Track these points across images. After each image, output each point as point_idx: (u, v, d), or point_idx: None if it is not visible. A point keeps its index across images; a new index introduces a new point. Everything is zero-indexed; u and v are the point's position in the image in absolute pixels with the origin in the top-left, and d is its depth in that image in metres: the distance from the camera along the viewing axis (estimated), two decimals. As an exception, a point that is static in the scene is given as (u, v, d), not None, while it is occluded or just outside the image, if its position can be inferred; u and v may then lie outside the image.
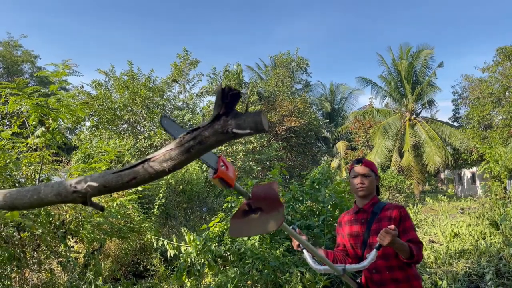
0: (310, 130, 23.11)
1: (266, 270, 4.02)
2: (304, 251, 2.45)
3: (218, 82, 22.09)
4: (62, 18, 64.09)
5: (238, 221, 1.71)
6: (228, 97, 1.20)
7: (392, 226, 2.13)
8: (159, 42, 71.74)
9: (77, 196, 1.40)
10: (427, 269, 6.27)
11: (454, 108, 33.47)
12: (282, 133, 21.21)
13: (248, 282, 4.07)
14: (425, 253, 7.00)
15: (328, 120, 31.27)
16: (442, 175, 39.36)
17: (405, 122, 26.60)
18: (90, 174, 1.41)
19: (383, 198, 20.27)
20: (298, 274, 3.86)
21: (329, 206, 5.03)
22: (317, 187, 5.30)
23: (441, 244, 8.02)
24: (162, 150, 1.31)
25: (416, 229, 2.54)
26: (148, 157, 1.42)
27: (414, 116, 27.34)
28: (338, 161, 30.66)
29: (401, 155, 26.14)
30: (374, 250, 2.21)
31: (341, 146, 30.41)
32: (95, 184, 1.30)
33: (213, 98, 21.78)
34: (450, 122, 31.28)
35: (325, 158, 29.31)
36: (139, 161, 1.38)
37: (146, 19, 72.88)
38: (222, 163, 1.58)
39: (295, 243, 2.45)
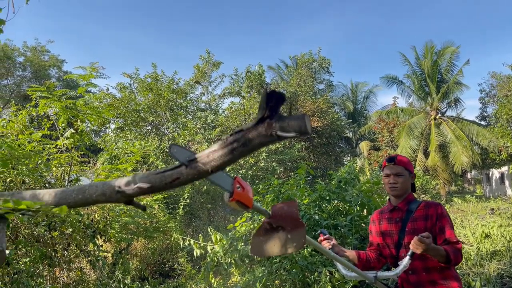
0: (332, 130, 22.91)
1: (294, 270, 3.99)
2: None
3: (240, 83, 22.14)
4: (86, 23, 65.56)
5: (259, 240, 1.70)
6: (272, 100, 1.19)
7: (426, 234, 2.07)
8: (182, 45, 72.61)
9: (121, 196, 1.41)
10: (458, 270, 6.11)
11: (481, 106, 32.61)
12: (305, 134, 21.10)
13: (276, 282, 4.05)
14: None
15: (350, 120, 30.94)
16: (469, 176, 38.42)
17: (430, 121, 26.08)
18: (135, 174, 1.42)
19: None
20: (327, 273, 3.81)
21: (357, 206, 4.96)
22: (343, 186, 5.24)
23: (471, 245, 7.82)
24: (206, 151, 1.31)
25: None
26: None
27: (439, 115, 26.78)
28: (361, 161, 30.30)
29: (426, 155, 25.63)
30: (407, 257, 2.15)
31: (364, 146, 30.05)
32: (144, 185, 1.31)
33: (235, 99, 21.88)
34: (477, 121, 30.50)
35: (348, 158, 29.01)
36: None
37: (169, 23, 73.82)
38: (238, 185, 1.56)
39: (325, 246, 2.40)
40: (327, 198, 5.08)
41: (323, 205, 5.01)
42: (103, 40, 68.82)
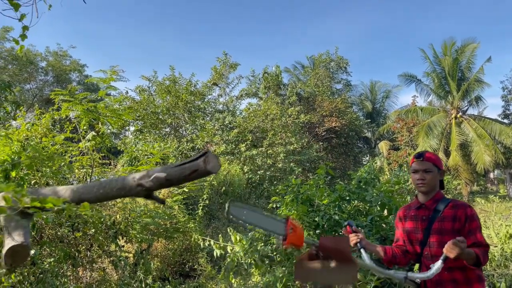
0: (351, 130, 22.75)
1: (314, 270, 3.97)
2: (362, 251, 2.39)
3: (257, 84, 22.18)
4: (105, 28, 66.66)
5: (304, 266, 1.72)
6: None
7: (461, 238, 2.03)
8: (199, 47, 73.05)
9: (141, 189, 1.44)
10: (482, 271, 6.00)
11: (504, 104, 31.83)
12: (323, 134, 21.00)
13: (297, 282, 4.04)
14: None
15: (369, 120, 30.62)
16: (491, 175, 37.55)
17: (451, 120, 25.58)
18: (153, 168, 1.44)
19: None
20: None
21: (377, 206, 4.91)
22: (363, 186, 5.20)
23: (495, 246, 7.64)
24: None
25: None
26: (206, 151, 1.45)
27: (460, 113, 26.24)
28: (380, 161, 29.95)
29: (447, 154, 25.16)
30: (440, 261, 2.11)
31: (383, 146, 29.67)
32: (161, 175, 1.33)
33: (252, 100, 21.93)
34: (499, 119, 29.76)
35: (367, 158, 28.70)
36: (199, 154, 1.40)
37: (185, 26, 74.44)
38: (290, 228, 1.62)
39: (352, 240, 2.40)
40: (347, 198, 5.04)
41: (343, 205, 4.98)
42: (122, 43, 69.87)
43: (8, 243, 1.58)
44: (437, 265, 2.12)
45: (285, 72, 27.35)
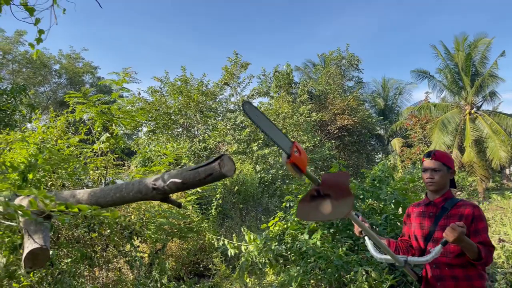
0: (363, 128, 22.58)
1: (329, 269, 3.96)
2: (366, 238, 2.47)
3: (269, 83, 22.15)
4: (117, 30, 67.24)
5: (305, 205, 1.75)
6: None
7: (461, 223, 2.09)
8: (210, 47, 73.27)
9: (157, 193, 1.46)
10: (499, 269, 5.91)
11: (519, 99, 31.24)
12: (335, 132, 20.89)
13: (312, 281, 4.03)
14: (495, 252, 6.60)
15: (382, 117, 30.35)
16: (507, 171, 36.94)
17: (465, 116, 25.22)
18: (168, 171, 1.45)
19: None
20: (363, 273, 3.77)
21: (392, 204, 4.87)
22: (377, 184, 5.16)
23: (513, 244, 7.52)
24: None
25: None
26: (222, 154, 1.45)
27: (474, 109, 25.85)
28: (393, 159, 29.68)
29: (461, 151, 24.81)
30: (439, 245, 2.17)
31: (396, 143, 29.41)
32: (177, 180, 1.34)
33: (263, 99, 21.91)
34: (515, 114, 29.25)
35: (380, 156, 28.48)
36: (215, 157, 1.41)
37: (197, 26, 74.70)
38: (296, 149, 1.60)
39: (357, 229, 2.48)
40: (361, 196, 5.02)
41: (357, 204, 4.95)
42: (134, 45, 70.41)
43: (28, 246, 1.61)
44: (437, 249, 2.18)
45: (296, 71, 27.28)
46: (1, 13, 2.83)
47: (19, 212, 1.17)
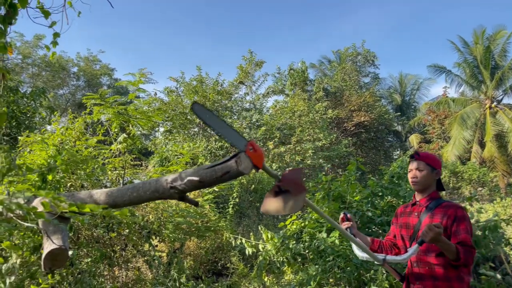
0: (380, 124, 22.33)
1: (348, 268, 3.91)
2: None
3: (284, 81, 22.09)
4: (133, 31, 68.00)
5: (269, 200, 1.86)
6: None
7: (437, 223, 2.12)
8: (225, 46, 73.49)
9: (174, 192, 1.44)
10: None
11: (542, 91, 30.41)
12: (351, 129, 20.70)
13: (331, 280, 3.99)
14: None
15: (399, 113, 29.97)
16: (530, 166, 36.05)
17: (485, 111, 24.70)
18: (185, 170, 1.44)
19: (463, 193, 19.02)
20: (383, 271, 3.71)
21: (411, 201, 4.78)
22: (396, 181, 5.08)
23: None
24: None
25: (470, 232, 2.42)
26: (239, 151, 1.43)
27: (495, 103, 25.29)
28: (412, 155, 29.18)
29: (482, 146, 24.32)
30: (416, 244, 2.23)
31: (414, 139, 28.99)
32: (194, 178, 1.33)
33: (279, 97, 21.86)
34: (538, 107, 28.49)
35: (398, 152, 28.11)
36: (231, 155, 1.39)
37: (211, 26, 75.02)
38: (251, 147, 1.66)
39: (343, 226, 2.56)
40: (380, 194, 4.94)
41: (376, 201, 4.88)
42: (150, 46, 71.10)
43: (48, 247, 1.62)
44: (413, 248, 2.24)
45: (311, 68, 27.13)
46: (18, 16, 2.86)
47: (32, 214, 1.18)
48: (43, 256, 1.59)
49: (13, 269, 1.97)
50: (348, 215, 2.62)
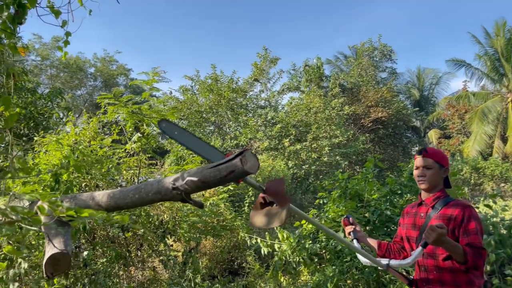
0: (398, 120, 21.95)
1: (367, 269, 3.79)
2: (355, 241, 2.45)
3: (299, 77, 21.90)
4: (148, 31, 68.58)
5: (255, 213, 1.81)
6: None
7: (440, 224, 2.00)
8: (239, 44, 73.47)
9: (176, 193, 1.36)
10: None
11: None
12: (369, 125, 20.40)
13: (348, 282, 3.88)
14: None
15: (417, 109, 29.42)
16: (555, 161, 35.05)
17: (507, 104, 24.06)
18: (188, 169, 1.36)
19: (485, 189, 18.57)
20: (404, 273, 3.58)
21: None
22: (416, 178, 4.93)
23: None
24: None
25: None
26: (244, 149, 1.34)
27: (517, 96, 24.61)
28: (431, 151, 28.61)
29: (504, 140, 23.71)
30: (420, 247, 2.11)
31: (433, 135, 28.43)
32: (194, 179, 1.24)
33: (294, 94, 21.69)
34: (562, 100, 27.58)
35: (417, 148, 27.60)
36: (236, 153, 1.30)
37: (225, 24, 75.06)
38: None
39: (346, 230, 2.49)
40: (399, 192, 4.79)
41: (395, 199, 4.73)
42: (166, 46, 71.59)
43: (49, 251, 1.56)
44: (417, 251, 2.14)
45: (327, 64, 26.84)
46: (27, 15, 2.83)
47: (28, 219, 1.12)
48: (44, 261, 1.54)
49: (19, 275, 1.92)
50: (351, 219, 2.55)
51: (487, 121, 23.68)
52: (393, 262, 2.27)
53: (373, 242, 2.58)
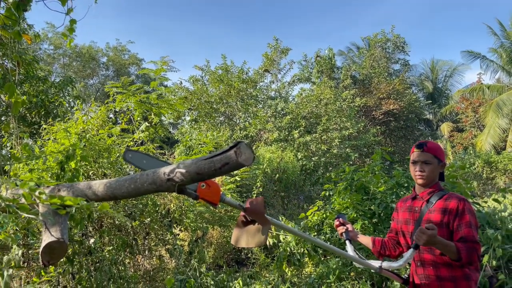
0: (410, 112, 21.69)
1: (370, 262, 3.77)
2: (347, 242, 2.45)
3: (310, 68, 21.73)
4: (160, 21, 68.57)
5: (238, 231, 1.84)
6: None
7: (430, 225, 1.98)
8: (250, 34, 73.10)
9: (171, 184, 1.36)
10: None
11: None
12: (380, 117, 20.21)
13: (352, 274, 3.86)
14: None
15: (430, 101, 29.04)
16: None
17: (523, 98, 23.60)
18: (183, 160, 1.35)
19: (498, 183, 18.32)
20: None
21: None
22: (424, 172, 4.86)
23: None
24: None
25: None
26: (239, 141, 1.33)
27: (534, 90, 24.13)
28: (442, 144, 28.35)
29: (519, 134, 23.31)
30: (411, 249, 2.11)
31: (445, 128, 28.06)
32: (189, 170, 1.24)
33: (305, 85, 21.55)
34: None
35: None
36: (231, 145, 1.28)
37: (236, 13, 74.63)
38: (203, 184, 1.62)
39: (339, 231, 2.52)
40: (405, 185, 4.74)
41: (401, 192, 4.68)
42: (177, 36, 71.56)
43: (46, 239, 1.57)
44: (409, 253, 2.14)
45: (339, 56, 26.56)
46: (32, 2, 2.83)
47: (13, 206, 1.12)
48: (40, 249, 1.55)
49: (15, 261, 1.95)
50: (341, 219, 2.56)
51: (501, 115, 23.27)
52: (386, 264, 2.26)
53: (366, 239, 2.57)
